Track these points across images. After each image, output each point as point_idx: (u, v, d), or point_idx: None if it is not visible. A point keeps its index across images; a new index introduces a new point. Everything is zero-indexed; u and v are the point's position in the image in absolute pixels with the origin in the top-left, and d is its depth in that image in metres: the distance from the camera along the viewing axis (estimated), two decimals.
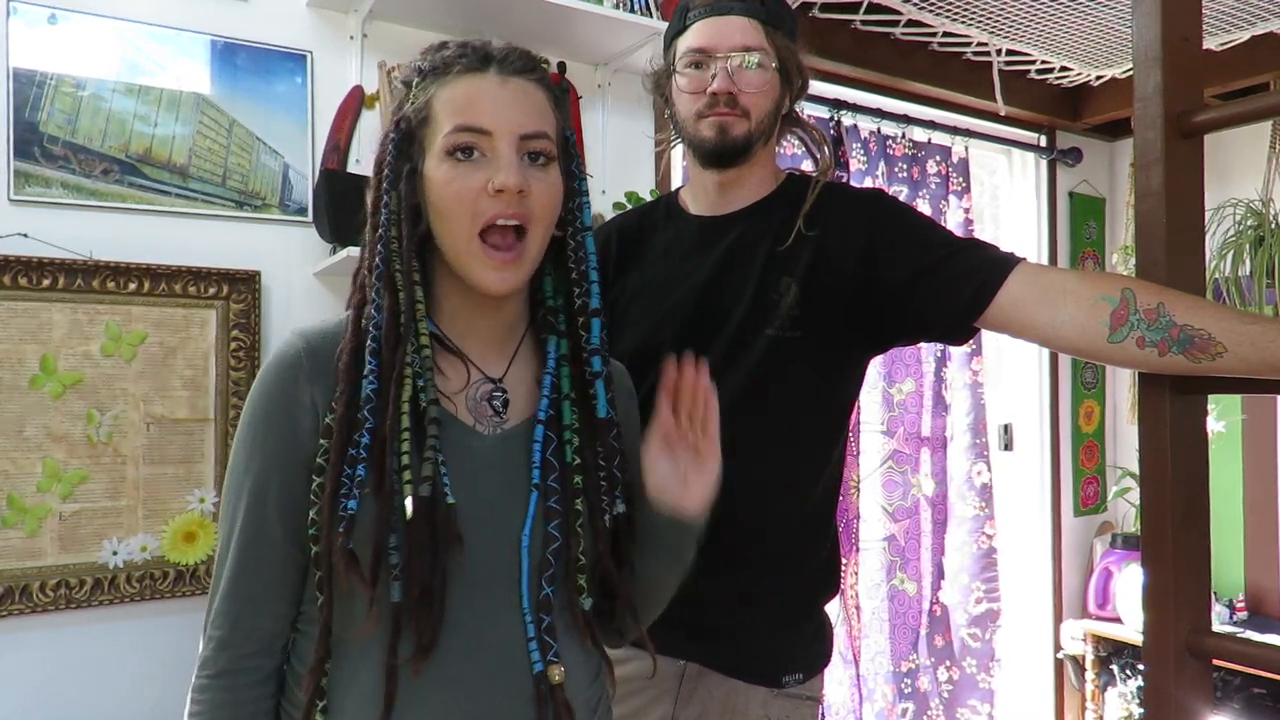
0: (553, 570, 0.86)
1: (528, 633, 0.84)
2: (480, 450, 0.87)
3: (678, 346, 1.14)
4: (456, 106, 0.86)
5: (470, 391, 0.90)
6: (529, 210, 0.86)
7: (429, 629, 0.80)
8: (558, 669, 0.84)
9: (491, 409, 0.90)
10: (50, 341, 1.57)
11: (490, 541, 0.84)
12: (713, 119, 1.22)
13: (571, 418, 0.91)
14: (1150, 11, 0.97)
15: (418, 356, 0.85)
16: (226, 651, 0.85)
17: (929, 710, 2.79)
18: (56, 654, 1.58)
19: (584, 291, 0.93)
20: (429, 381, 0.85)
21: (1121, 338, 1.05)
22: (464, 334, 0.91)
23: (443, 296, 0.90)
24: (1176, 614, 0.94)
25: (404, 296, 0.86)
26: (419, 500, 0.80)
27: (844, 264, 1.23)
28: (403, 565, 0.79)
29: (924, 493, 2.81)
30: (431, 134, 0.87)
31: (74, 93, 1.62)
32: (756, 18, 1.23)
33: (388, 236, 0.86)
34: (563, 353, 0.94)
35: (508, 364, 0.93)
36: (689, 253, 1.30)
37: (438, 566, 0.80)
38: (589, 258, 0.93)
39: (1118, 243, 3.34)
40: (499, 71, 0.87)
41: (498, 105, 0.86)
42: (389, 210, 0.87)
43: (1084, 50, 2.68)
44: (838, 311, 1.23)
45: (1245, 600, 2.91)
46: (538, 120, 0.88)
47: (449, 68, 0.88)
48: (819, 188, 1.26)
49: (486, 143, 0.85)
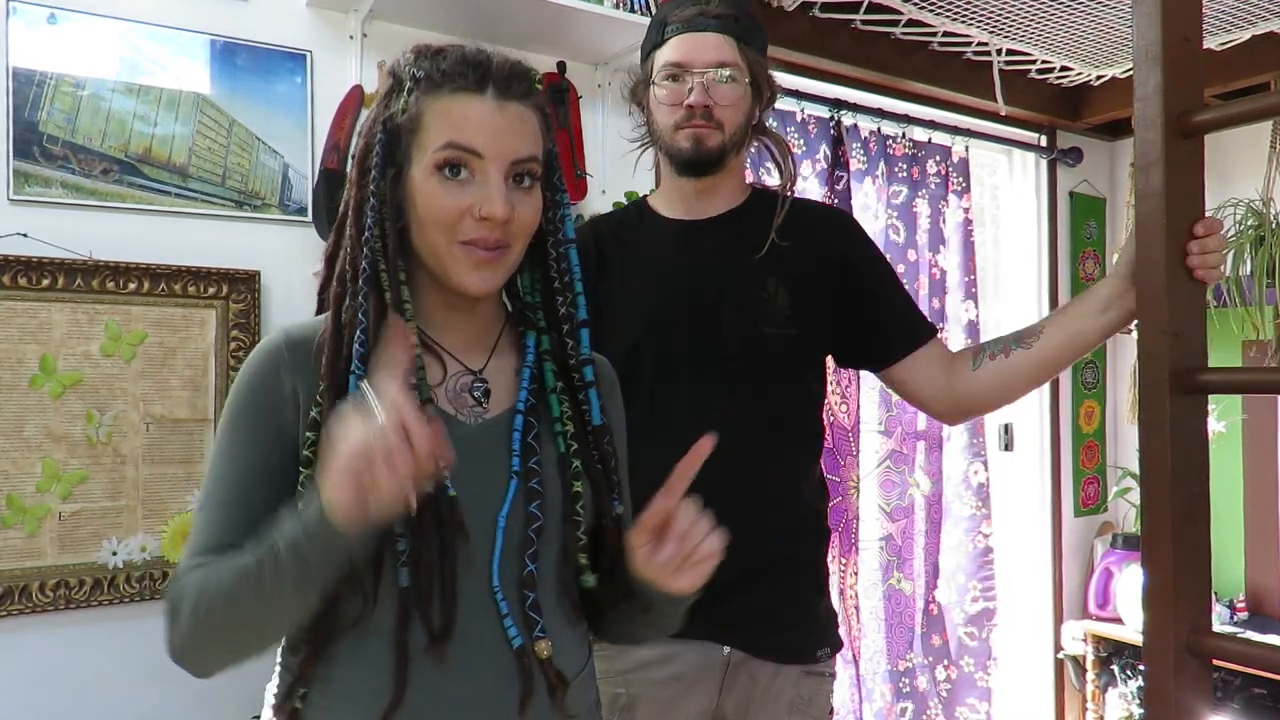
0: (535, 548, 0.86)
1: (500, 610, 0.85)
2: (462, 438, 0.87)
3: (671, 345, 1.25)
4: (451, 123, 0.86)
5: (449, 384, 0.91)
6: (510, 234, 0.87)
7: (445, 614, 0.81)
8: (545, 644, 0.85)
9: (473, 399, 0.91)
10: (50, 341, 1.57)
11: (471, 526, 0.85)
12: (689, 131, 1.30)
13: (560, 410, 0.92)
14: (1150, 11, 0.97)
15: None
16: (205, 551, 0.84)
17: (928, 709, 2.79)
18: (56, 654, 1.58)
19: (569, 302, 0.94)
20: (421, 378, 0.86)
21: (980, 362, 1.33)
22: (440, 330, 0.92)
23: (418, 294, 0.91)
24: (1176, 614, 0.94)
25: (390, 296, 0.87)
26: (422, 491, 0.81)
27: (824, 272, 1.35)
28: (410, 552, 0.80)
29: (921, 492, 2.81)
30: (420, 143, 0.87)
31: (74, 92, 1.62)
32: (731, 34, 1.31)
33: (373, 235, 0.87)
34: (545, 348, 0.95)
35: (487, 357, 0.94)
36: (672, 255, 1.37)
37: (447, 554, 0.81)
38: (573, 269, 0.95)
39: (1118, 243, 3.34)
40: (496, 95, 0.87)
41: (493, 130, 0.86)
42: (374, 211, 0.87)
43: (1084, 50, 2.68)
44: (827, 313, 1.36)
45: (1245, 600, 2.91)
46: (530, 145, 0.88)
47: (445, 82, 0.87)
48: (788, 203, 1.36)
49: (477, 164, 0.85)
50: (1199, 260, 0.98)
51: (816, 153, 2.58)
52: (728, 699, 1.30)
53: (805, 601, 1.36)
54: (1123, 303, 1.21)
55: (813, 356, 1.38)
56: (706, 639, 1.28)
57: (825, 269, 1.35)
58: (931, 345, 1.38)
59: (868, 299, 1.37)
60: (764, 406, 1.31)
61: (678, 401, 1.29)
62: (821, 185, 2.58)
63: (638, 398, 1.07)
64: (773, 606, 1.31)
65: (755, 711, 1.30)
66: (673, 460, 1.26)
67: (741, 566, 1.29)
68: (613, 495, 0.93)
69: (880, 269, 1.41)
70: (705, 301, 1.32)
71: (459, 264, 0.86)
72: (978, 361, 1.33)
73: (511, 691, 0.84)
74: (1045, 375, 1.32)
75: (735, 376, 1.30)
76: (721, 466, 1.28)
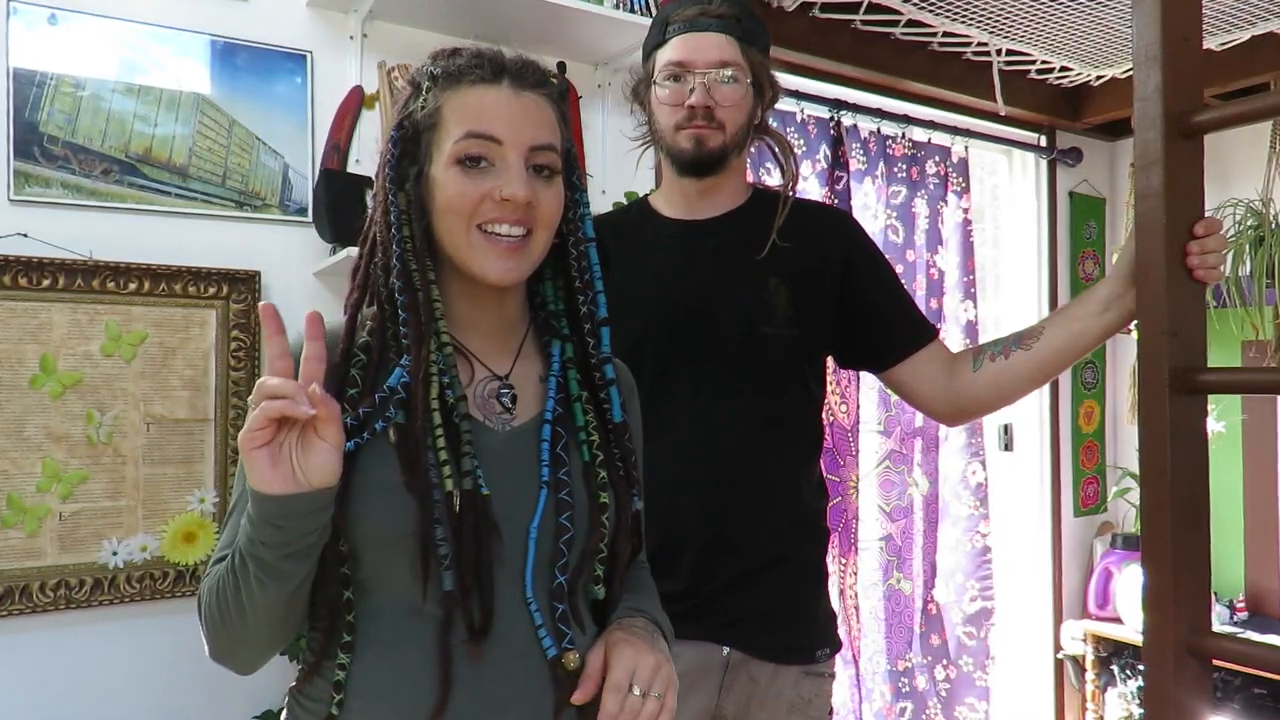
0: (566, 559, 0.87)
1: (535, 620, 0.85)
2: (491, 446, 0.88)
3: (671, 345, 1.26)
4: (469, 114, 0.87)
5: (476, 389, 0.91)
6: (534, 219, 0.88)
7: (485, 614, 0.82)
8: (574, 655, 0.85)
9: (500, 405, 0.91)
10: (50, 341, 1.57)
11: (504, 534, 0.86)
12: (690, 131, 1.30)
13: (584, 419, 0.93)
14: (1150, 11, 0.97)
15: (440, 355, 0.86)
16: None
17: (927, 709, 2.79)
18: (56, 654, 1.58)
19: (590, 300, 0.95)
20: (454, 379, 0.87)
21: (980, 364, 1.33)
22: (466, 332, 0.92)
23: (445, 295, 0.91)
24: (1176, 614, 0.94)
25: (422, 296, 0.87)
26: (464, 493, 0.82)
27: (825, 272, 1.35)
28: (454, 556, 0.81)
29: (919, 492, 2.81)
30: (440, 139, 0.88)
31: (74, 93, 1.62)
32: (733, 34, 1.30)
33: (401, 236, 0.87)
34: (568, 355, 0.95)
35: (512, 362, 0.94)
36: (673, 254, 1.37)
37: (483, 555, 0.82)
38: (594, 268, 0.95)
39: (1118, 243, 3.34)
40: (512, 84, 0.88)
41: (510, 116, 0.87)
42: (399, 210, 0.88)
43: (1084, 50, 2.68)
44: (828, 313, 1.35)
45: (1245, 600, 2.91)
46: (547, 134, 0.89)
47: (462, 75, 0.88)
48: (789, 204, 1.35)
49: (497, 152, 0.86)
50: (1199, 260, 0.98)
51: (816, 153, 2.58)
52: (727, 699, 1.30)
53: (805, 602, 1.36)
54: (1122, 303, 1.21)
55: (813, 357, 1.38)
56: (706, 639, 1.28)
57: (826, 269, 1.35)
58: (932, 347, 1.37)
59: (869, 300, 1.37)
60: (764, 407, 1.31)
61: (678, 402, 1.30)
62: (821, 185, 2.58)
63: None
64: (772, 607, 1.31)
65: (755, 711, 1.30)
66: (673, 460, 1.27)
67: (741, 566, 1.30)
68: (633, 493, 0.94)
69: (881, 270, 1.41)
70: (706, 302, 1.32)
71: (479, 252, 0.87)
72: (978, 363, 1.33)
73: (546, 700, 0.84)
74: (1045, 376, 1.32)
75: (735, 377, 1.30)
76: (721, 467, 1.30)
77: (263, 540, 0.76)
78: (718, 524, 1.29)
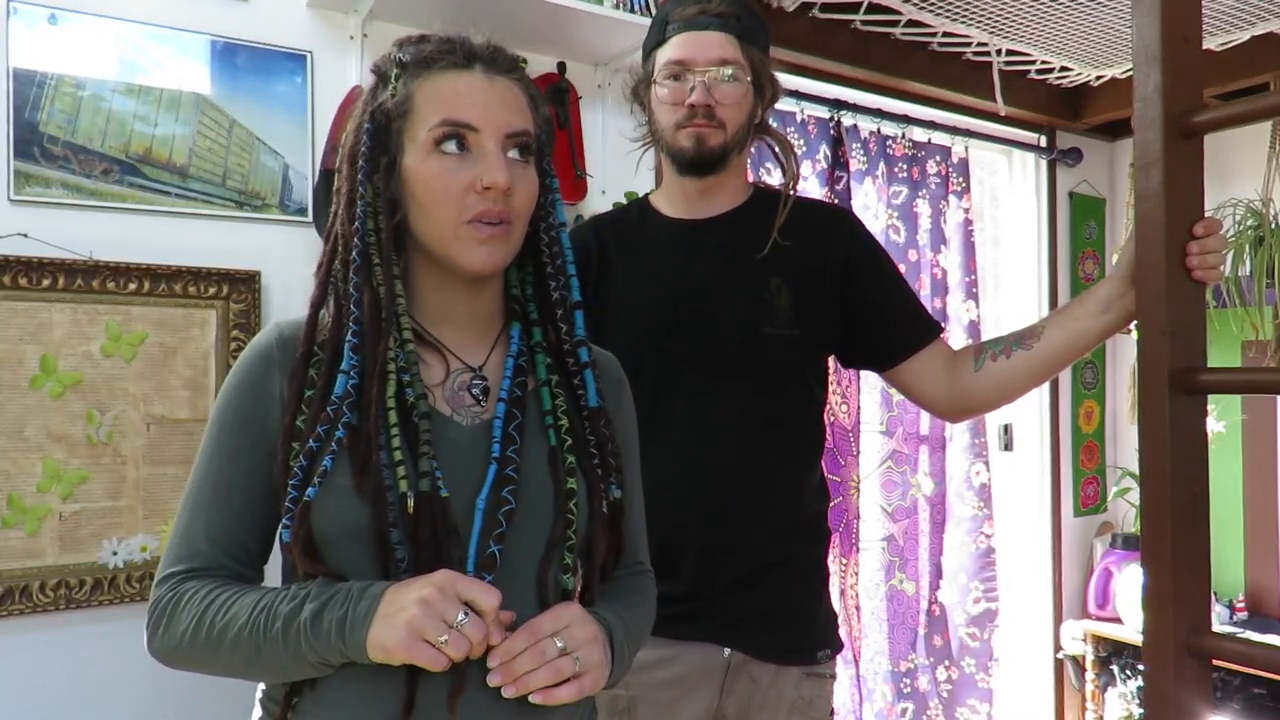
0: (503, 529, 0.83)
1: None
2: (458, 441, 0.86)
3: (672, 345, 1.26)
4: (443, 101, 0.86)
5: (449, 382, 0.90)
6: (513, 208, 0.87)
7: None
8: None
9: (471, 397, 0.89)
10: (50, 341, 1.57)
11: (457, 520, 0.84)
12: (690, 130, 1.30)
13: (552, 403, 0.91)
14: (1150, 11, 0.97)
15: (401, 351, 0.85)
16: (176, 565, 0.85)
17: (928, 710, 2.79)
18: (56, 654, 1.58)
19: (563, 285, 0.94)
20: (415, 376, 0.85)
21: (982, 363, 1.33)
22: (441, 325, 0.91)
23: (418, 288, 0.90)
24: (1176, 614, 0.94)
25: (384, 290, 0.85)
26: (420, 495, 0.80)
27: (826, 271, 1.34)
28: (410, 560, 0.80)
29: (923, 493, 2.81)
30: (413, 127, 0.86)
31: (74, 93, 1.62)
32: (732, 33, 1.30)
33: (365, 229, 0.86)
34: (536, 340, 0.94)
35: (488, 353, 0.93)
36: (674, 254, 1.36)
37: (441, 558, 0.80)
38: (565, 252, 0.95)
39: (1118, 243, 3.34)
40: (485, 70, 0.88)
41: (486, 102, 0.86)
42: (365, 202, 0.86)
43: (1084, 50, 2.68)
44: (829, 313, 1.35)
45: (1245, 600, 2.91)
46: (521, 120, 0.88)
47: (433, 62, 0.87)
48: (790, 203, 1.35)
49: (473, 138, 0.85)
50: (1199, 260, 0.98)
51: (816, 153, 2.58)
52: (728, 700, 1.30)
53: (805, 602, 1.36)
54: (1122, 303, 1.21)
55: (814, 357, 1.37)
56: (707, 640, 1.28)
57: (827, 269, 1.35)
58: (934, 346, 1.37)
59: (870, 299, 1.37)
60: (765, 407, 1.31)
61: (678, 402, 1.29)
62: (821, 185, 2.58)
63: (639, 398, 1.07)
64: (773, 608, 1.31)
65: (756, 713, 1.30)
66: (674, 460, 1.27)
67: (742, 568, 1.30)
68: (609, 481, 0.91)
69: (883, 268, 1.40)
70: (706, 301, 1.31)
71: (465, 243, 0.85)
72: (979, 362, 1.33)
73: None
74: (1046, 375, 1.32)
75: (736, 377, 1.30)
76: (721, 467, 1.29)
77: (325, 660, 0.78)
78: (718, 525, 1.29)
